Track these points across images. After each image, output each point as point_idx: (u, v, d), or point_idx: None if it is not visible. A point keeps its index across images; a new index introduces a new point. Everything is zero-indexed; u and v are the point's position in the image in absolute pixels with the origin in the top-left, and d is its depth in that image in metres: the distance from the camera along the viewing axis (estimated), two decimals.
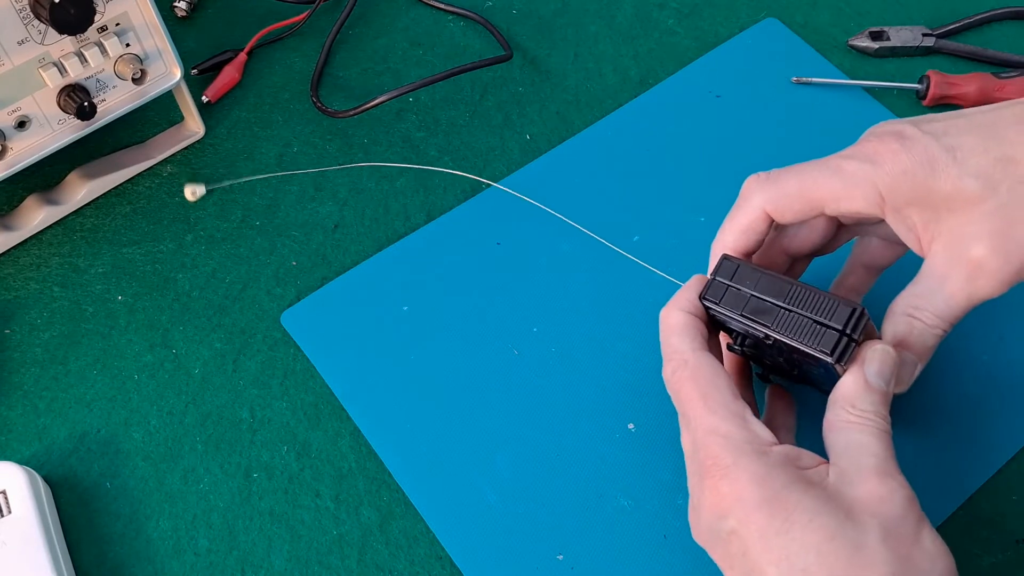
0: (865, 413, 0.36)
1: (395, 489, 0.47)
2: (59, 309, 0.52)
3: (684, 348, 0.40)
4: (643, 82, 0.61)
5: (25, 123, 0.49)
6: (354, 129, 0.60)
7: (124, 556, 0.45)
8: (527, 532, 0.45)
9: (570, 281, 0.53)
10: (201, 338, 0.51)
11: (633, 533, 0.45)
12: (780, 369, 0.44)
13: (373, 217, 0.56)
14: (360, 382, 0.50)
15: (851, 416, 0.37)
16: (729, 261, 0.41)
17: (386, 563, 0.45)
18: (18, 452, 0.48)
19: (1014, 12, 0.64)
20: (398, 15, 0.65)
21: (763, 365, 0.45)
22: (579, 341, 0.51)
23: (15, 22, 0.46)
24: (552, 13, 0.65)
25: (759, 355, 0.43)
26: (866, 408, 0.37)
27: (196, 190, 0.50)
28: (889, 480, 0.35)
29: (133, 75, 0.51)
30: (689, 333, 0.40)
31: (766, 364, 0.44)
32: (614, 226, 0.54)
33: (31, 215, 0.54)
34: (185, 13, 0.64)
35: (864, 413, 0.36)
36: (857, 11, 0.65)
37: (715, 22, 0.64)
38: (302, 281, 0.53)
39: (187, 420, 0.49)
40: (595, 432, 0.48)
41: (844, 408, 0.37)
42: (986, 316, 0.50)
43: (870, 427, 0.36)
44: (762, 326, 0.39)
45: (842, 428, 0.37)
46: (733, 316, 0.40)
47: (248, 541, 0.45)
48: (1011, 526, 0.45)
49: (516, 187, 0.56)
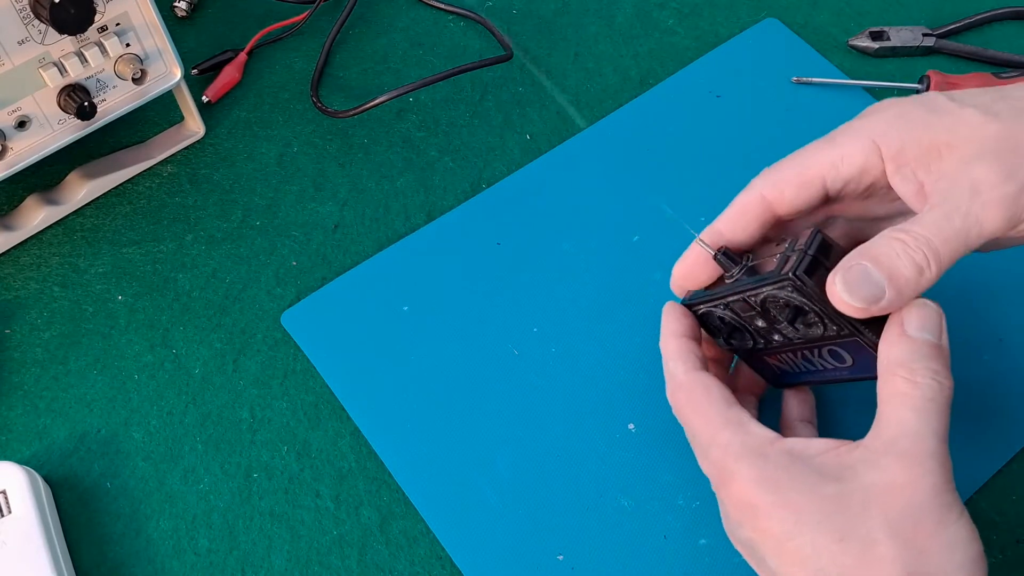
0: (914, 373, 0.34)
1: (395, 489, 0.47)
2: (59, 309, 0.52)
3: (678, 371, 0.40)
4: (643, 82, 0.61)
5: (25, 123, 0.49)
6: (354, 129, 0.60)
7: (124, 556, 0.45)
8: (527, 532, 0.45)
9: (570, 281, 0.53)
10: (201, 338, 0.51)
11: (633, 533, 0.45)
12: (790, 369, 0.44)
13: (373, 217, 0.56)
14: (360, 382, 0.50)
15: (900, 383, 0.34)
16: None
17: (386, 563, 0.45)
18: (18, 452, 0.48)
19: (1014, 12, 0.64)
20: (398, 15, 0.65)
21: (768, 370, 0.45)
22: (579, 341, 0.51)
23: (15, 22, 0.46)
24: (552, 13, 0.65)
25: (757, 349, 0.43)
26: (915, 366, 0.34)
27: None
28: (916, 465, 0.32)
29: (133, 75, 0.51)
30: (682, 356, 0.41)
31: (771, 367, 0.44)
32: (614, 226, 0.54)
33: (31, 215, 0.54)
34: (185, 13, 0.64)
35: (913, 374, 0.34)
36: (857, 11, 0.65)
37: (715, 22, 0.64)
38: (302, 281, 0.53)
39: (187, 420, 0.49)
40: (595, 432, 0.48)
41: (893, 374, 0.34)
42: (986, 316, 0.50)
43: (918, 396, 0.33)
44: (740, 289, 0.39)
45: (887, 399, 0.34)
46: (709, 297, 0.41)
47: (248, 541, 0.45)
48: (1011, 526, 0.45)
49: (516, 187, 0.56)
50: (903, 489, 0.33)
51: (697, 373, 0.40)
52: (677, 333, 0.42)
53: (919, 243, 0.34)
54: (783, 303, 0.38)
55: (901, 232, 0.34)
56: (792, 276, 0.36)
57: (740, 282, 0.39)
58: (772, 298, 0.38)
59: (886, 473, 0.33)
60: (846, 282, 0.35)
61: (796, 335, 0.40)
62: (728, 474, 0.36)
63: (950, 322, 0.50)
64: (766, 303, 0.39)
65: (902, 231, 0.34)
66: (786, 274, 0.36)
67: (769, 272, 0.38)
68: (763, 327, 0.41)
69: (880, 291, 0.34)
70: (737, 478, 0.35)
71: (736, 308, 0.41)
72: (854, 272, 0.35)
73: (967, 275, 0.52)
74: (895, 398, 0.34)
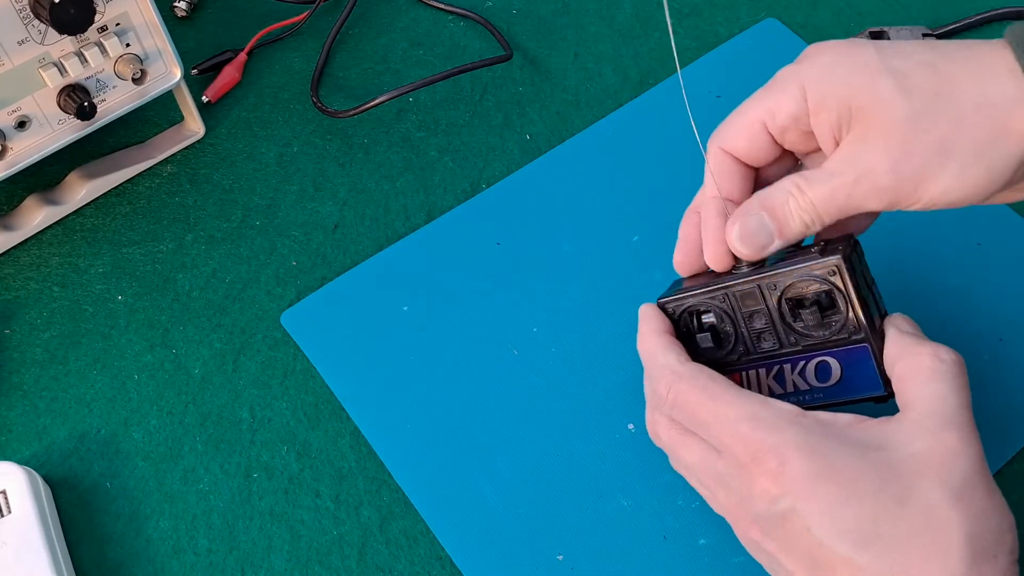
0: (938, 350, 0.36)
1: (395, 489, 0.47)
2: (59, 309, 0.52)
3: (672, 361, 0.40)
4: (643, 82, 0.61)
5: (25, 123, 0.49)
6: (354, 129, 0.60)
7: (124, 556, 0.45)
8: (527, 532, 0.45)
9: (570, 281, 0.53)
10: (201, 338, 0.51)
11: (633, 533, 0.45)
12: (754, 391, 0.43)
13: (373, 217, 0.56)
14: (360, 382, 0.50)
15: (926, 359, 0.36)
16: (676, 282, 0.43)
17: (386, 563, 0.45)
18: (18, 452, 0.48)
19: (1014, 12, 0.64)
20: (398, 15, 0.65)
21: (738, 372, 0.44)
22: (579, 341, 0.51)
23: (15, 22, 0.46)
24: (552, 13, 0.65)
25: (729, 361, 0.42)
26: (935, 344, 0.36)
27: None
28: (965, 434, 0.34)
29: (133, 75, 0.51)
30: (672, 349, 0.40)
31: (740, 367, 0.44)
32: (614, 226, 0.54)
33: (31, 215, 0.54)
34: (185, 13, 0.64)
35: (936, 350, 0.36)
36: (857, 11, 0.65)
37: (715, 22, 0.64)
38: (302, 281, 0.53)
39: (187, 420, 0.49)
40: (595, 432, 0.48)
41: (915, 353, 0.36)
42: (986, 316, 0.50)
43: (945, 371, 0.35)
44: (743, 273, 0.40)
45: (912, 375, 0.36)
46: (703, 289, 0.41)
47: (248, 541, 0.45)
48: None
49: (516, 187, 0.56)
50: (957, 456, 0.33)
51: (692, 362, 0.40)
52: (659, 331, 0.42)
53: (810, 207, 0.37)
54: (811, 291, 0.39)
55: (796, 191, 0.38)
56: (844, 258, 0.37)
57: (759, 268, 0.39)
58: (805, 283, 0.38)
59: (937, 439, 0.34)
60: (743, 228, 0.39)
61: (800, 336, 0.40)
62: (766, 448, 0.35)
63: (950, 322, 0.50)
64: (788, 291, 0.39)
65: (798, 190, 0.38)
66: (838, 256, 0.37)
67: (801, 260, 0.38)
68: (761, 327, 0.41)
69: (769, 239, 0.39)
70: (780, 450, 0.34)
71: (735, 299, 0.40)
72: (751, 221, 0.38)
73: (967, 275, 0.52)
74: (922, 373, 0.36)
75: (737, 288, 0.40)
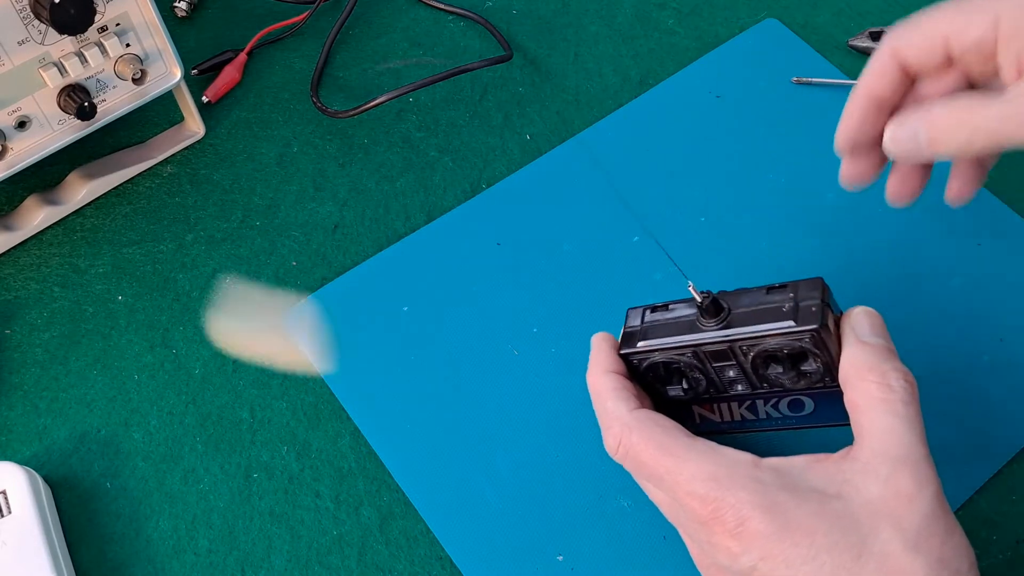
0: (885, 376, 0.35)
1: (395, 489, 0.47)
2: (59, 309, 0.52)
3: (622, 411, 0.39)
4: (643, 82, 0.61)
5: (25, 123, 0.49)
6: (354, 129, 0.60)
7: (124, 556, 0.45)
8: (527, 532, 0.45)
9: (570, 281, 0.53)
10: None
11: (633, 534, 0.45)
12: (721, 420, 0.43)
13: (373, 217, 0.56)
14: (360, 382, 0.50)
15: (873, 388, 0.35)
16: (633, 310, 0.42)
17: (386, 563, 0.45)
18: (18, 452, 0.48)
19: None
20: (398, 15, 0.65)
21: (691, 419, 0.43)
22: (579, 341, 0.51)
23: (15, 22, 0.46)
24: (552, 13, 0.65)
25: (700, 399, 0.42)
26: (883, 368, 0.35)
27: None
28: (917, 474, 0.33)
29: (133, 75, 0.51)
30: (622, 396, 0.39)
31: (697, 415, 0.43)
32: (614, 226, 0.54)
33: (31, 215, 0.54)
34: (185, 13, 0.64)
35: (884, 377, 0.35)
36: (857, 11, 0.65)
37: (715, 22, 0.64)
38: (302, 281, 0.53)
39: (187, 420, 0.49)
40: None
41: (863, 379, 0.35)
42: (986, 316, 0.50)
43: (896, 400, 0.34)
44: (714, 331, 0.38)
45: (864, 407, 0.35)
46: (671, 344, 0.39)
47: (248, 541, 0.45)
48: (1011, 526, 0.45)
49: (516, 187, 0.56)
50: (912, 501, 0.33)
51: (645, 411, 0.39)
52: (608, 369, 0.41)
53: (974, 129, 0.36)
54: (786, 352, 0.38)
55: (966, 110, 0.37)
56: (817, 328, 0.36)
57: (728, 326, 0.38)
58: (777, 347, 0.37)
59: (889, 484, 0.33)
60: (894, 135, 0.39)
61: (774, 385, 0.39)
62: (724, 507, 0.34)
63: (950, 321, 0.50)
64: (764, 351, 0.38)
65: (968, 109, 0.36)
66: (813, 325, 0.36)
67: (775, 321, 0.37)
68: (733, 377, 0.40)
69: (918, 151, 0.38)
70: (738, 508, 0.34)
71: (706, 355, 0.39)
72: (905, 129, 0.38)
73: (967, 275, 0.52)
74: (873, 405, 0.35)
75: (707, 348, 0.39)
